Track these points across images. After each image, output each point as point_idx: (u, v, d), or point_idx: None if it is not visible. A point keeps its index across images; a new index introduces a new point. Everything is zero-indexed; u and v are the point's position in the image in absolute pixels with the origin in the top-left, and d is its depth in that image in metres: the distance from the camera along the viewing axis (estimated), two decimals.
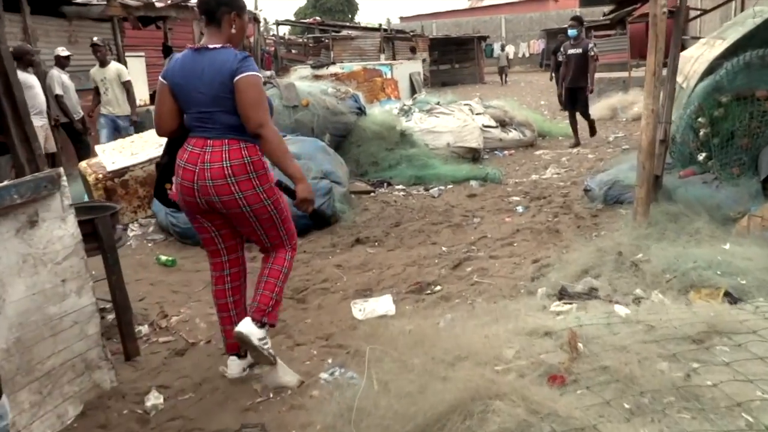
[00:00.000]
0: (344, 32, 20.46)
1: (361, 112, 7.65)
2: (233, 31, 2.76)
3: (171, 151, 2.89)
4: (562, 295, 3.39)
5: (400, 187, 7.03)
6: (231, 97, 2.64)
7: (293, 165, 2.77)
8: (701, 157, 5.56)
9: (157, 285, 4.43)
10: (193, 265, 4.83)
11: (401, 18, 46.05)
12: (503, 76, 26.37)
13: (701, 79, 6.83)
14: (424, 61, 23.51)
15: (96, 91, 7.99)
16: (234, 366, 3.04)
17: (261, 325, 2.82)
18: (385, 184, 7.07)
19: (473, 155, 8.51)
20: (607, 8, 18.49)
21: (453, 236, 5.17)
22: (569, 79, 9.54)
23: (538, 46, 37.25)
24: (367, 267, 4.53)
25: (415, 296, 3.96)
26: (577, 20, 9.70)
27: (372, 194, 6.72)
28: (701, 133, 5.52)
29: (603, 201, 5.62)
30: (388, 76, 13.35)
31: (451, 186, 7.08)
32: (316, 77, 10.55)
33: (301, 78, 9.36)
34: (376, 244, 5.08)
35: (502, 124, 9.58)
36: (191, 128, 2.78)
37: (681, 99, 7.67)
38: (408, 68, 15.82)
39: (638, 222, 4.25)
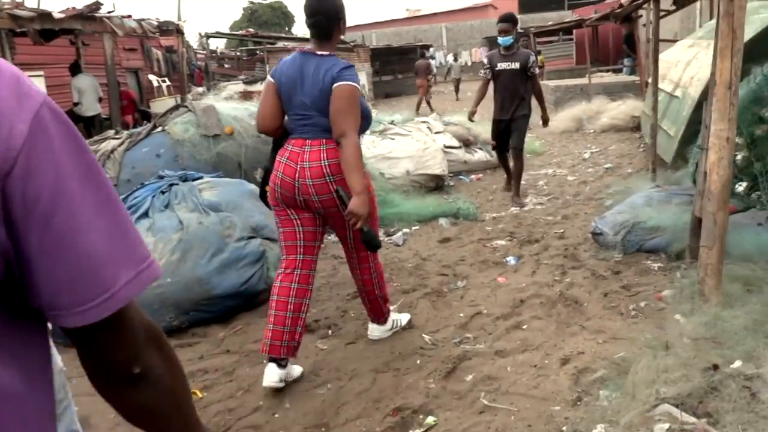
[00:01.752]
0: (280, 44, 18.86)
1: None
2: (342, 36, 2.98)
3: (274, 156, 3.01)
4: None
5: None
6: (325, 100, 2.76)
7: (358, 177, 2.76)
8: (741, 187, 4.35)
9: None
10: None
11: None
12: (457, 91, 22.62)
13: None
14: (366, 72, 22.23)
15: None
16: (272, 374, 2.90)
17: (384, 321, 3.38)
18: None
19: (437, 183, 7.18)
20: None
21: (434, 313, 3.77)
22: (499, 107, 6.49)
23: (480, 53, 36.55)
24: (320, 379, 3.08)
25: None
26: (509, 21, 6.30)
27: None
28: (738, 157, 4.30)
29: (622, 249, 4.34)
30: None
31: (417, 227, 5.70)
32: (246, 94, 9.03)
33: (226, 98, 7.80)
34: (330, 331, 3.63)
35: (466, 143, 8.29)
36: (292, 129, 2.93)
37: (679, 111, 6.54)
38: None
39: (710, 298, 2.96)
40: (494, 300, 3.85)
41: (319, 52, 2.83)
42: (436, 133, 8.27)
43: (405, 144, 7.17)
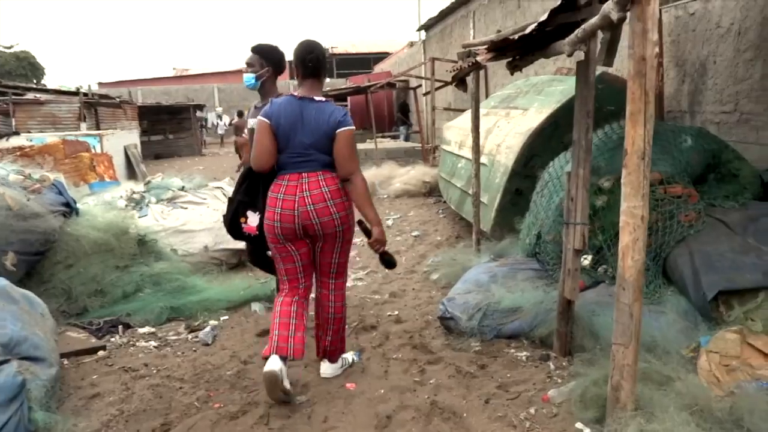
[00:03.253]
0: (30, 95, 16.36)
1: (69, 210, 4.86)
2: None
3: (249, 190, 3.40)
4: None
5: (147, 330, 4.40)
6: (329, 142, 3.13)
7: (372, 209, 3.25)
8: (586, 261, 4.13)
9: None
10: None
11: (100, 84, 41.23)
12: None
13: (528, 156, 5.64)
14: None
15: None
16: (274, 363, 3.09)
17: (337, 359, 3.55)
18: (121, 328, 4.37)
19: (239, 258, 6.20)
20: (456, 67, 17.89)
21: None
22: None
23: (234, 117, 36.12)
24: None
25: None
26: (257, 52, 3.95)
27: (101, 353, 3.99)
28: None
29: (479, 337, 3.82)
30: (97, 149, 10.31)
31: (226, 317, 4.67)
32: None
33: None
34: None
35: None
36: (284, 166, 3.19)
37: (489, 179, 6.45)
38: (122, 139, 12.69)
39: (626, 405, 2.47)
40: (353, 419, 3.02)
41: (317, 98, 3.18)
42: None
43: (200, 214, 6.11)
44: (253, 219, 3.45)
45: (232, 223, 3.50)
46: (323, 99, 3.20)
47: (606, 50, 2.69)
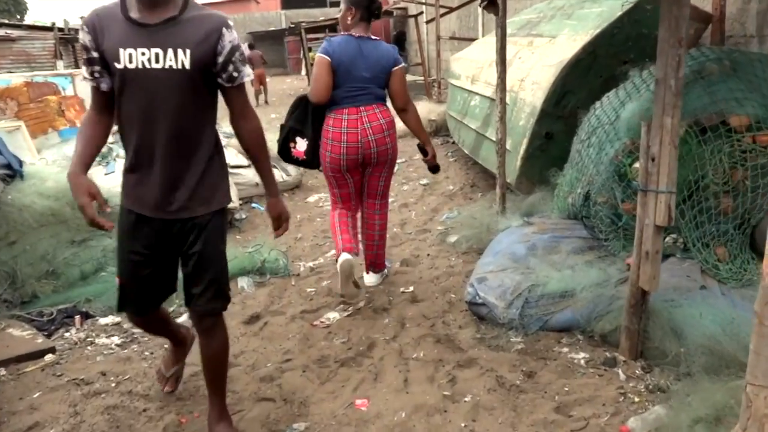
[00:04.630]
0: (1, 32, 15.12)
1: (11, 173, 3.99)
2: None
3: (300, 119, 3.62)
4: None
5: (110, 320, 3.62)
6: (385, 77, 3.52)
7: (425, 133, 3.79)
8: (671, 241, 3.32)
9: None
10: None
11: (82, 18, 39.32)
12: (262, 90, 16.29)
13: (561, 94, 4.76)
14: None
15: None
16: (347, 257, 3.41)
17: (382, 267, 3.99)
18: (78, 319, 3.58)
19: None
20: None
21: None
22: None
23: (244, 49, 34.53)
24: None
25: None
26: None
27: (49, 357, 3.20)
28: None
29: (522, 328, 3.05)
30: (69, 92, 9.28)
31: None
32: None
33: None
34: None
35: None
36: (340, 100, 3.49)
37: (513, 121, 5.55)
38: None
39: None
40: None
41: (373, 37, 3.55)
42: None
43: None
44: (301, 144, 3.66)
45: (283, 147, 3.69)
46: (378, 38, 3.57)
47: None
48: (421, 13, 14.86)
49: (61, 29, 15.92)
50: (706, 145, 3.08)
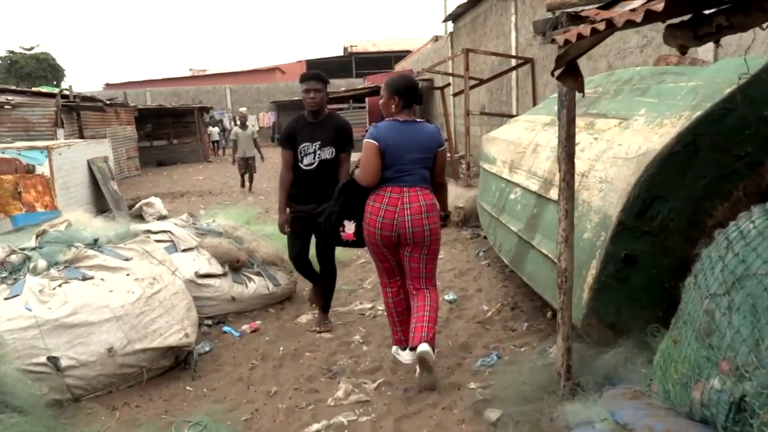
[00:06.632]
0: (2, 98, 14.29)
1: None
2: None
3: (347, 203, 3.76)
4: None
5: None
6: (431, 158, 3.68)
7: (447, 201, 4.01)
8: None
9: None
10: None
11: (108, 85, 39.46)
12: (248, 175, 13.49)
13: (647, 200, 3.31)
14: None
15: None
16: (407, 356, 3.70)
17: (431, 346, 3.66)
18: None
19: (177, 358, 3.92)
20: None
21: None
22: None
23: (268, 118, 34.02)
24: None
25: None
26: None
27: None
28: None
29: None
30: (42, 169, 8.10)
31: None
32: None
33: None
34: None
35: (234, 267, 5.13)
36: (388, 180, 3.62)
37: (582, 226, 4.06)
38: (85, 152, 10.35)
39: None
40: None
41: (418, 120, 3.71)
42: (184, 250, 5.02)
43: (110, 290, 3.81)
44: (350, 227, 3.78)
45: (333, 233, 3.81)
46: (422, 120, 3.77)
47: None
48: (448, 84, 13.70)
49: (65, 96, 15.08)
50: None
